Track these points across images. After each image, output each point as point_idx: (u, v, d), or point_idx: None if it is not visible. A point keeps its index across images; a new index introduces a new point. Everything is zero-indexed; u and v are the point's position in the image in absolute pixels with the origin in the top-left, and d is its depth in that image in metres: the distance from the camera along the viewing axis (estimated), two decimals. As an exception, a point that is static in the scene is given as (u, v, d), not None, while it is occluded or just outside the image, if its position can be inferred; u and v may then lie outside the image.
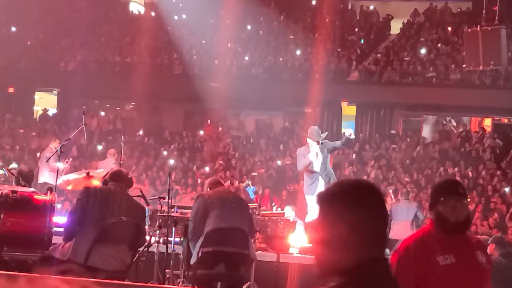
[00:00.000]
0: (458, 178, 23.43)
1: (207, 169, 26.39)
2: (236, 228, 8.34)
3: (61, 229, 8.21)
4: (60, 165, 16.32)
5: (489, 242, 10.85)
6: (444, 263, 4.57)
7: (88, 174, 11.07)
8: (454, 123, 31.19)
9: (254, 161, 27.09)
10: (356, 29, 34.03)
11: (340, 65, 31.16)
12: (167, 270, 9.19)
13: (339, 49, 32.02)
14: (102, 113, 34.91)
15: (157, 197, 10.76)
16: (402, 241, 4.80)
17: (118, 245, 7.71)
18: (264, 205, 20.28)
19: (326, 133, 14.03)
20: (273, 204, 20.83)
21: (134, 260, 8.08)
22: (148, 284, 8.43)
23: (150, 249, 9.44)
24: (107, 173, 8.22)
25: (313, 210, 12.61)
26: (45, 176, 18.00)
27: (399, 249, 4.70)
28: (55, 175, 16.62)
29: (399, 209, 16.08)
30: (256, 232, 9.59)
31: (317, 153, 12.64)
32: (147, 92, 30.60)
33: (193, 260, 8.34)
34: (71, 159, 17.14)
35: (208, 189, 8.79)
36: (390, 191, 19.93)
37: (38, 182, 17.42)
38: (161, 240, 9.61)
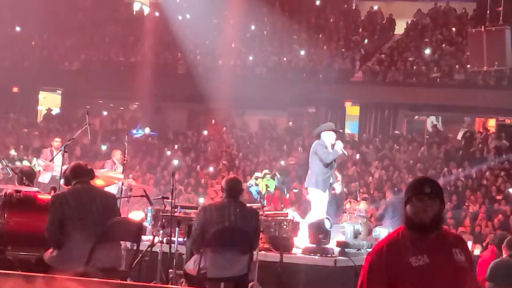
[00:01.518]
0: (462, 179, 23.46)
1: (211, 169, 26.39)
2: (233, 251, 8.25)
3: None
4: (43, 162, 16.31)
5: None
6: (416, 264, 4.50)
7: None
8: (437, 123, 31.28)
9: (257, 161, 27.08)
10: (360, 29, 34.02)
11: (344, 65, 31.14)
12: (170, 270, 9.18)
13: (343, 49, 32.01)
14: (106, 113, 34.93)
15: (160, 197, 10.76)
16: (377, 243, 4.76)
17: (115, 244, 7.71)
18: (274, 205, 20.37)
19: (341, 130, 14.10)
20: (282, 205, 20.80)
21: (136, 259, 8.06)
22: (151, 284, 8.42)
23: (153, 249, 9.44)
24: (66, 168, 8.04)
25: (318, 207, 12.58)
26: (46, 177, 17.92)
27: (372, 251, 4.63)
28: (48, 174, 16.71)
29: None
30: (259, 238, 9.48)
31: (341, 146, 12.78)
32: (151, 92, 30.66)
33: (191, 266, 8.30)
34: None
35: (221, 191, 8.63)
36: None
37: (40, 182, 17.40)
38: (164, 240, 9.61)
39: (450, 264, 4.58)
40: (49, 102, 35.78)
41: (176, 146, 29.49)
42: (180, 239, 9.59)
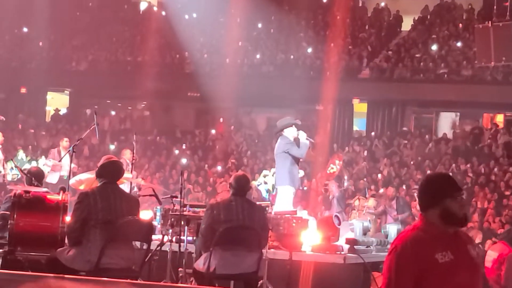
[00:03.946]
0: (470, 175, 23.45)
1: (219, 168, 26.41)
2: (241, 249, 8.25)
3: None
4: (51, 162, 16.38)
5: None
6: (443, 260, 4.54)
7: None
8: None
9: (266, 159, 27.07)
10: (367, 26, 33.98)
11: (351, 62, 31.12)
12: (180, 269, 9.19)
13: (350, 47, 31.98)
14: (114, 113, 34.98)
15: (169, 196, 10.78)
16: (396, 239, 4.73)
17: (127, 244, 7.73)
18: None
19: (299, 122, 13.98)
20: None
21: (146, 258, 8.08)
22: (161, 283, 8.45)
23: (163, 248, 9.46)
24: (105, 162, 8.01)
25: (289, 202, 12.49)
26: (53, 177, 17.96)
27: (396, 247, 4.61)
28: (56, 174, 16.77)
29: None
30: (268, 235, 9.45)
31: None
32: (158, 91, 30.69)
33: (200, 265, 8.31)
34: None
35: (229, 188, 8.62)
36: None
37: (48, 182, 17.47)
38: (173, 239, 9.63)
39: (469, 260, 4.68)
40: (57, 102, 35.86)
41: (184, 145, 29.51)
42: (190, 238, 9.62)
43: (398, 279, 4.54)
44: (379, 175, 24.72)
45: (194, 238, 9.48)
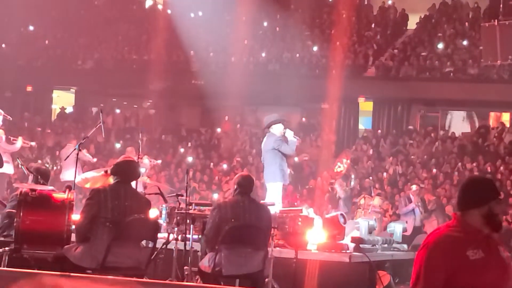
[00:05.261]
0: (476, 173, 23.40)
1: (224, 166, 26.41)
2: (247, 248, 8.27)
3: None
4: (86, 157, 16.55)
5: None
6: (474, 257, 4.65)
7: (106, 172, 11.07)
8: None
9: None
10: (373, 25, 33.93)
11: (357, 60, 31.07)
12: (185, 267, 9.21)
13: (355, 45, 31.93)
14: (119, 111, 35.00)
15: (175, 194, 10.79)
16: (429, 236, 4.80)
17: (133, 242, 7.73)
18: (288, 200, 20.33)
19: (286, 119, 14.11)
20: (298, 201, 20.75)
21: (152, 257, 8.09)
22: (167, 281, 8.45)
23: (168, 246, 9.47)
24: (116, 163, 8.06)
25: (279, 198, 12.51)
26: (70, 174, 18.06)
27: (428, 243, 4.72)
28: (79, 172, 16.85)
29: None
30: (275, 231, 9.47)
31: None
32: (164, 89, 30.70)
33: (206, 264, 8.32)
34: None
35: (235, 187, 8.62)
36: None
37: (64, 180, 17.57)
38: (179, 237, 9.64)
39: (500, 260, 4.79)
40: (63, 100, 35.91)
41: (189, 144, 29.51)
42: (195, 236, 9.62)
43: (427, 274, 4.64)
44: (385, 174, 24.70)
45: (200, 236, 9.49)
